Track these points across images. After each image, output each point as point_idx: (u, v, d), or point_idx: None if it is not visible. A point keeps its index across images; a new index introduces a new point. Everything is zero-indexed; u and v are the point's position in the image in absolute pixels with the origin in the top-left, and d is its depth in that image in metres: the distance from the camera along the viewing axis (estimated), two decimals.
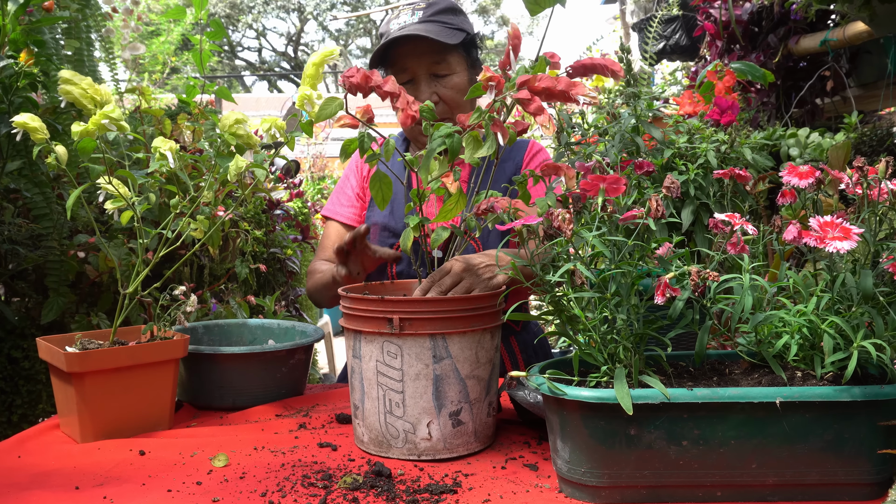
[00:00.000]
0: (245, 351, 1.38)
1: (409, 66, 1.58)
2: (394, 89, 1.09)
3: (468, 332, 1.08)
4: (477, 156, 1.04)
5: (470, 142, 1.06)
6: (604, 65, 1.10)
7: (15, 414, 1.83)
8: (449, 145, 1.03)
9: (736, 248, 0.94)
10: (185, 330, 1.42)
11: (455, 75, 1.58)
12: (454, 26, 1.57)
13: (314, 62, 1.23)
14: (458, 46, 1.57)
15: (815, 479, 0.88)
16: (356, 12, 20.65)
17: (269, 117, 1.30)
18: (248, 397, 1.39)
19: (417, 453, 1.08)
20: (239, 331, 1.61)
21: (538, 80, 1.03)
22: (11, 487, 1.00)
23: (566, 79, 1.03)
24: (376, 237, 1.68)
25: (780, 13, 2.65)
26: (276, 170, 3.65)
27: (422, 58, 1.56)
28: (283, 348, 1.41)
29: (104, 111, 1.15)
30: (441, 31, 1.54)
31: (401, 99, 1.09)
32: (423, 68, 1.57)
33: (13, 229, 1.76)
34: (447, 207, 1.13)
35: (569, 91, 1.03)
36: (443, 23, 1.57)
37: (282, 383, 1.43)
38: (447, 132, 1.04)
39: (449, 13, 1.60)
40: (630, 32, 5.81)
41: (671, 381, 0.93)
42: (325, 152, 7.28)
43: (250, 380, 1.39)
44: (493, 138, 1.04)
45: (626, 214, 0.96)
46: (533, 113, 1.03)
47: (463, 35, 1.57)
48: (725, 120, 1.33)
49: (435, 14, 1.58)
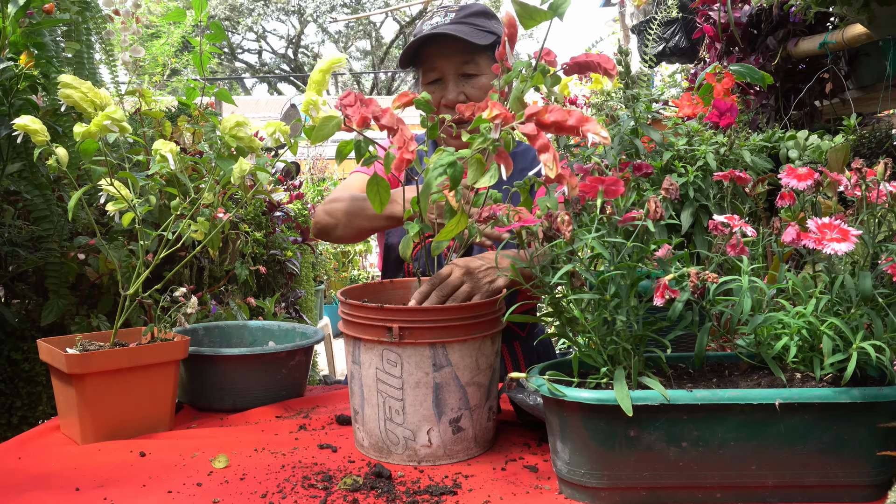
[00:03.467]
0: (245, 353, 1.38)
1: (437, 66, 1.59)
2: (391, 124, 1.05)
3: (468, 340, 1.08)
4: (478, 185, 0.99)
5: (473, 165, 1.01)
6: (598, 62, 1.10)
7: (15, 416, 1.83)
8: (450, 175, 1.00)
9: (735, 249, 0.94)
10: (186, 331, 1.42)
11: (483, 76, 1.60)
12: (485, 29, 1.59)
13: (321, 69, 1.23)
14: (487, 48, 1.58)
15: (815, 481, 0.88)
16: (356, 14, 20.65)
17: (273, 121, 1.30)
18: (249, 399, 1.39)
19: (418, 459, 1.08)
20: (239, 332, 1.61)
21: (548, 113, 0.97)
22: (12, 489, 1.00)
23: (578, 113, 0.96)
24: (399, 231, 1.68)
25: (779, 15, 2.66)
26: (276, 172, 3.65)
27: (451, 58, 1.58)
28: (283, 350, 1.41)
29: (107, 112, 1.16)
30: (471, 31, 1.56)
31: (398, 136, 1.05)
32: (452, 68, 1.58)
33: (13, 231, 1.76)
34: (448, 228, 1.09)
35: (580, 126, 0.96)
36: (474, 25, 1.58)
37: (282, 385, 1.43)
38: (449, 161, 1.00)
39: (481, 16, 1.61)
40: (629, 35, 5.81)
41: (671, 383, 0.93)
42: (325, 154, 7.29)
43: (250, 381, 1.39)
44: (496, 169, 0.99)
45: (625, 216, 0.96)
46: (538, 149, 0.96)
47: (493, 38, 1.58)
48: (724, 122, 1.33)
49: (467, 16, 1.60)
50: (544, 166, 0.96)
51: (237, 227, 2.41)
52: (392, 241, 1.70)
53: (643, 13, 4.98)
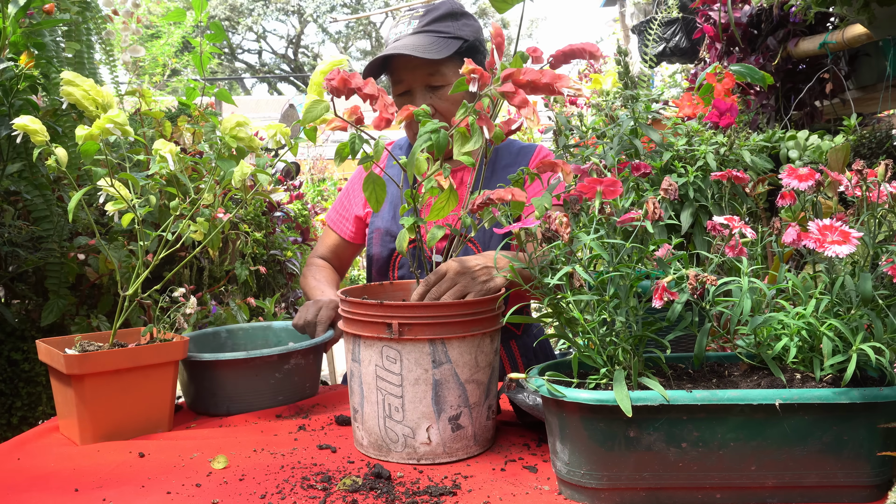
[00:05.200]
0: (230, 357, 1.33)
1: (404, 79, 1.57)
2: (373, 91, 1.08)
3: (468, 337, 1.08)
4: (464, 150, 1.02)
5: (458, 138, 1.04)
6: (582, 48, 1.11)
7: (15, 416, 1.83)
8: (434, 141, 1.02)
9: (734, 251, 0.94)
10: (207, 334, 1.39)
11: (450, 86, 1.54)
12: (450, 35, 1.54)
13: (322, 70, 1.22)
14: (452, 56, 1.53)
15: (815, 481, 0.88)
16: (356, 14, 20.66)
17: (273, 123, 1.30)
18: (242, 404, 1.35)
19: (417, 457, 1.08)
20: (264, 334, 1.57)
21: (523, 74, 1.02)
22: (11, 490, 1.00)
23: (551, 71, 1.02)
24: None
25: (780, 16, 2.66)
26: (276, 172, 3.65)
27: (416, 71, 1.54)
28: (273, 353, 1.35)
29: (109, 116, 1.15)
30: (433, 43, 1.52)
31: (379, 101, 1.08)
32: (418, 80, 1.55)
33: (13, 231, 1.76)
34: (439, 204, 1.11)
35: (553, 84, 1.01)
36: (438, 32, 1.54)
37: (277, 390, 1.38)
38: (433, 128, 1.03)
39: (447, 19, 1.56)
40: (630, 35, 5.81)
41: (670, 383, 0.93)
42: (325, 154, 7.29)
43: (241, 387, 1.35)
44: (479, 132, 1.03)
45: (624, 217, 0.96)
46: (517, 106, 1.01)
47: (458, 44, 1.53)
48: (724, 122, 1.33)
49: (431, 22, 1.55)
50: (526, 120, 0.99)
51: (237, 227, 2.41)
52: (373, 252, 1.70)
53: (643, 13, 4.98)
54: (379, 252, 1.68)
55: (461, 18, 1.58)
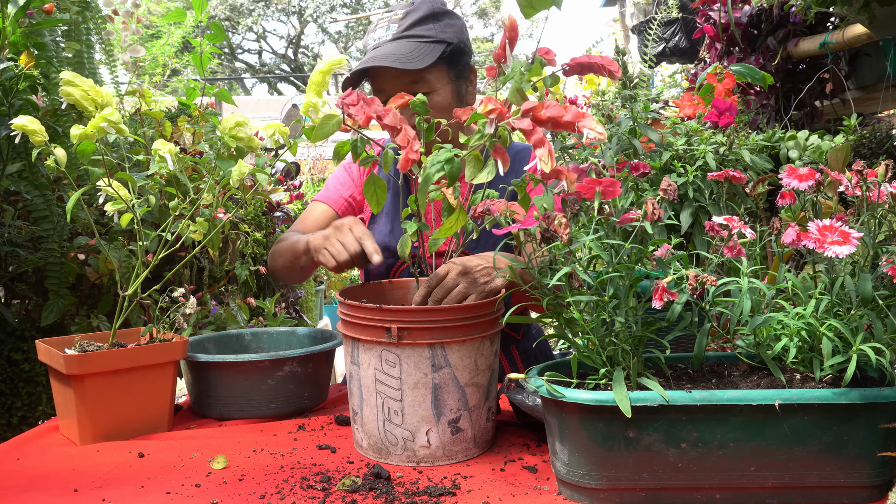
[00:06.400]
0: (220, 360, 1.30)
1: (385, 88, 1.46)
2: (394, 123, 1.03)
3: (467, 341, 1.08)
4: (476, 181, 0.98)
5: (471, 161, 1.00)
6: (601, 64, 1.07)
7: (15, 416, 1.83)
8: (448, 171, 0.98)
9: (733, 251, 0.94)
10: (231, 335, 1.37)
11: (435, 93, 1.45)
12: (432, 39, 1.44)
13: (321, 70, 1.22)
14: (435, 62, 1.43)
15: (815, 482, 0.88)
16: (356, 14, 20.66)
17: (273, 123, 1.30)
18: (233, 409, 1.32)
19: (416, 460, 1.08)
20: (288, 339, 1.52)
21: (544, 108, 0.97)
22: (10, 490, 1.00)
23: (574, 109, 0.95)
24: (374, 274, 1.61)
25: (780, 16, 2.66)
26: (276, 172, 3.65)
27: (398, 80, 1.43)
28: (265, 359, 1.30)
29: (103, 114, 1.15)
30: (413, 51, 1.42)
31: (401, 135, 1.03)
32: (401, 89, 1.38)
33: (13, 231, 1.77)
34: (447, 225, 1.07)
35: (576, 122, 0.96)
36: (419, 37, 1.43)
37: (270, 397, 1.32)
38: (447, 157, 0.99)
39: (428, 21, 1.45)
40: (630, 35, 5.81)
41: (670, 384, 0.93)
42: (325, 154, 7.30)
43: (233, 391, 1.31)
44: (493, 165, 0.98)
45: (623, 217, 0.96)
46: (534, 144, 0.96)
47: (441, 48, 1.43)
48: (724, 122, 1.33)
49: (411, 26, 1.44)
50: (539, 161, 0.95)
51: (237, 227, 2.41)
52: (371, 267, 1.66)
53: (643, 13, 4.98)
54: (376, 268, 1.65)
55: (443, 19, 1.48)
